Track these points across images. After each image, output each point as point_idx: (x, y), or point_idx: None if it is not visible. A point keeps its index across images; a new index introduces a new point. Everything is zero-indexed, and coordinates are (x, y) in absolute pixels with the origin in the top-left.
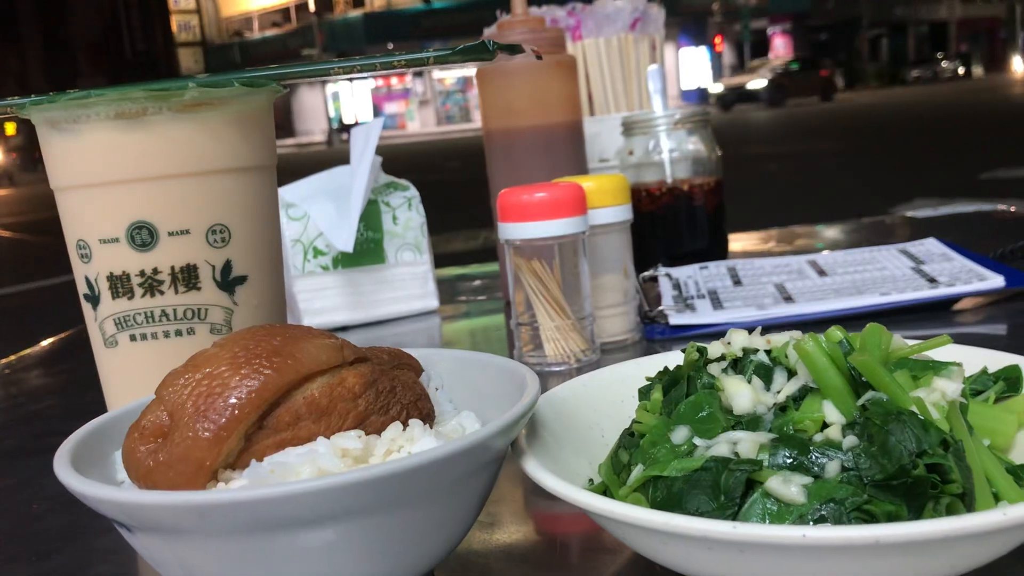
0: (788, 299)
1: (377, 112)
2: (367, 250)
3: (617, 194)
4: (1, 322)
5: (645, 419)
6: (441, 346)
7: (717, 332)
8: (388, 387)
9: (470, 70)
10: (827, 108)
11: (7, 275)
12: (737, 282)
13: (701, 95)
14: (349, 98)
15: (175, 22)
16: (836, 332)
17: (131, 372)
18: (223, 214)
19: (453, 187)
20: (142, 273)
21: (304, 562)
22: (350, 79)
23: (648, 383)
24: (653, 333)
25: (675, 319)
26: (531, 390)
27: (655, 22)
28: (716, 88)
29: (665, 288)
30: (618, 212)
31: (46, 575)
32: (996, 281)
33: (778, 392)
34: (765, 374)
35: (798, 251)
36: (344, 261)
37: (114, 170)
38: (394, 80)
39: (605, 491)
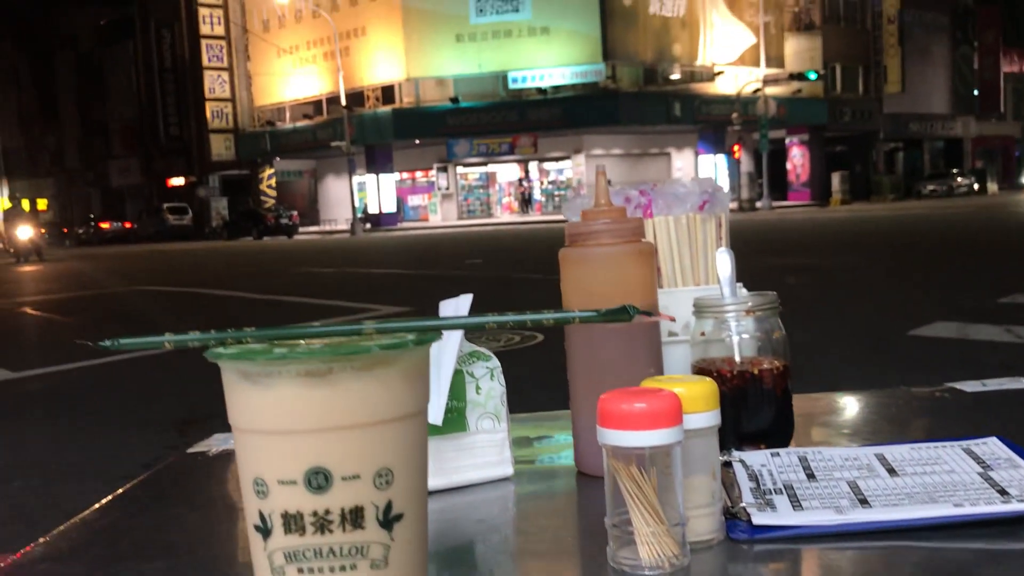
0: (864, 501)
1: (401, 204)
2: (451, 419)
3: (708, 400)
4: (32, 406)
5: None
6: (516, 517)
7: (799, 536)
8: None
9: (492, 168)
10: (843, 218)
11: (36, 357)
12: (811, 475)
13: None
14: (374, 189)
15: (209, 109)
16: None
17: None
18: (389, 458)
19: (475, 285)
20: (315, 513)
21: None
22: (502, 331)
23: None
24: (736, 532)
25: (758, 518)
26: None
27: (721, 203)
28: None
29: (742, 478)
30: (708, 418)
31: None
32: None
33: None
34: None
35: (861, 437)
36: (429, 430)
37: (299, 421)
38: (419, 173)
39: None
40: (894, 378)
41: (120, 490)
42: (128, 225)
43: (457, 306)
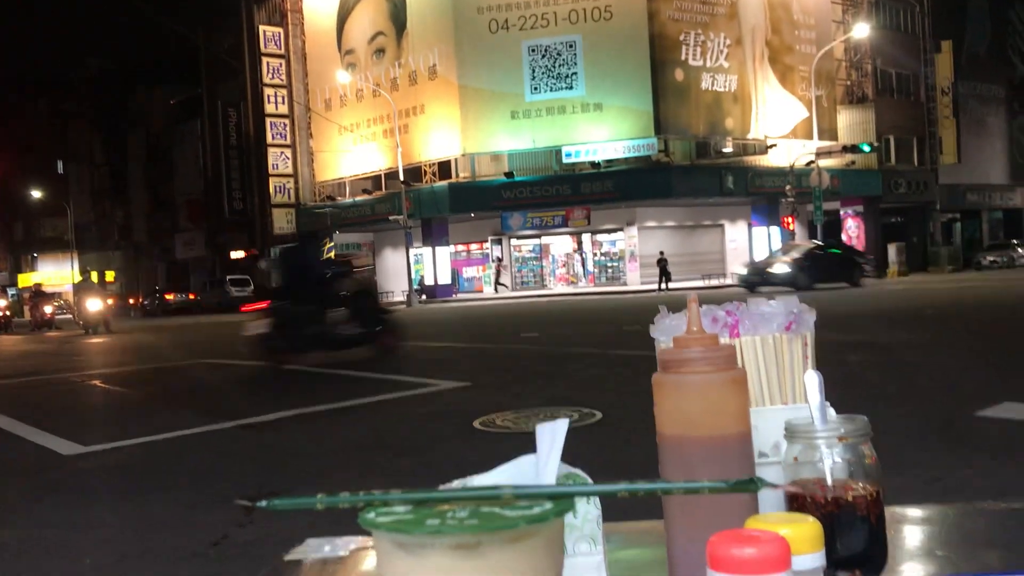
0: None
1: (456, 275)
2: None
3: (814, 542)
4: (102, 481)
5: None
6: None
7: None
8: None
9: (545, 240)
10: (901, 291)
11: (105, 431)
12: None
13: None
14: (430, 261)
15: (272, 185)
16: None
17: None
18: None
19: (533, 361)
20: None
21: None
22: (629, 497)
23: None
24: None
25: None
26: None
27: (806, 323)
28: (740, 270)
29: None
30: (814, 559)
31: None
32: None
33: None
34: None
35: (954, 562)
36: None
37: None
38: (474, 246)
39: None
40: (963, 464)
41: None
42: (192, 296)
43: (554, 431)
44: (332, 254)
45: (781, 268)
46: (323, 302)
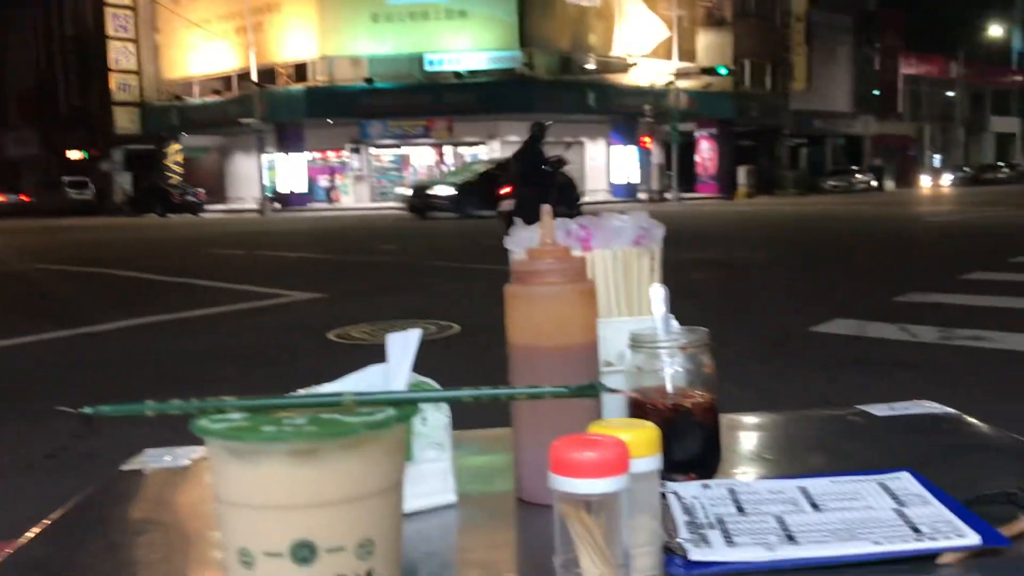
0: (791, 537)
1: (312, 184)
2: None
3: (652, 446)
4: None
5: None
6: (458, 549)
7: (732, 572)
8: None
9: (406, 151)
10: (748, 212)
11: None
12: (740, 509)
13: (629, 190)
14: (284, 168)
15: (114, 80)
16: None
17: None
18: (371, 530)
19: (390, 273)
20: None
21: None
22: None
23: None
24: (673, 567)
25: (694, 554)
26: None
27: (655, 238)
28: (405, 191)
29: (676, 511)
30: (652, 462)
31: None
32: (973, 539)
33: None
34: None
35: (783, 465)
36: None
37: (285, 497)
38: (331, 153)
39: None
40: (795, 375)
41: (56, 515)
42: (25, 198)
43: (405, 340)
44: (179, 157)
45: (444, 190)
46: (547, 188)
